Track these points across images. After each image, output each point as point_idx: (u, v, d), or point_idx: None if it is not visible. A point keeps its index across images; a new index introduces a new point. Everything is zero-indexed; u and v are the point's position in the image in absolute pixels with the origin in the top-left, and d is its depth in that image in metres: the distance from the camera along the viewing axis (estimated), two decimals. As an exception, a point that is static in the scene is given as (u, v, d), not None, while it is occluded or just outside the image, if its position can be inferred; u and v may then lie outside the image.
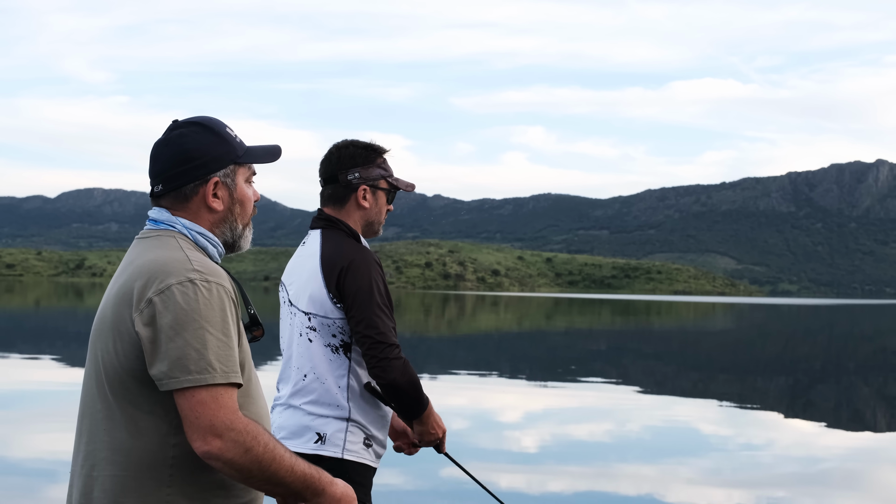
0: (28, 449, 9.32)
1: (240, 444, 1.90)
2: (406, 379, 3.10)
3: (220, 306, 1.96)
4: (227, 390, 1.92)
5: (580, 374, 19.31)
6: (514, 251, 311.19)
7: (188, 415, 1.91)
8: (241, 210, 2.17)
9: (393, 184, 3.37)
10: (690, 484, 8.48)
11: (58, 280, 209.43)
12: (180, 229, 2.10)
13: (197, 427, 1.90)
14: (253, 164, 2.20)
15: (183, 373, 1.90)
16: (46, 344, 23.81)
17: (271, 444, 1.95)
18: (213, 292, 1.96)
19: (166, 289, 1.93)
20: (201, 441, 1.90)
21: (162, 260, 1.99)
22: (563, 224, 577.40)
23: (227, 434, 1.90)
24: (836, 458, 10.27)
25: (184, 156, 2.10)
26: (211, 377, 1.90)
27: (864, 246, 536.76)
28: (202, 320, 1.92)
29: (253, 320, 2.15)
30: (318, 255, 3.23)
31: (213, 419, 1.89)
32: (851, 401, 16.89)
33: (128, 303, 1.97)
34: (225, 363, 1.93)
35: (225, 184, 2.13)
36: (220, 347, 1.93)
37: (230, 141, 2.14)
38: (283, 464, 1.97)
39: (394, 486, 7.80)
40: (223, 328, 1.95)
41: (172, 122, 2.17)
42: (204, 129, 2.13)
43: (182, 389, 1.90)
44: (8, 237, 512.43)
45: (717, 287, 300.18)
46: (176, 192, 2.11)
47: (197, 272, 1.97)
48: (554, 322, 48.56)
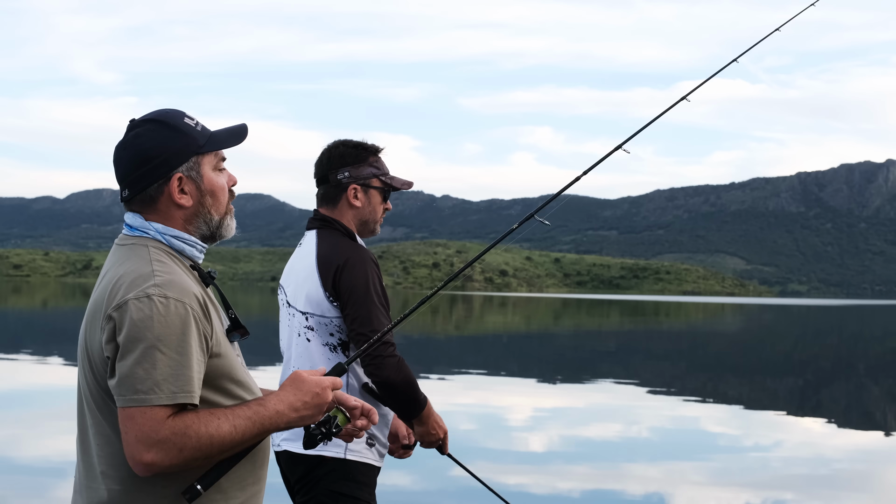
0: (35, 449, 9.34)
1: (171, 449, 1.87)
2: (401, 377, 3.08)
3: (175, 322, 1.90)
4: (160, 408, 1.86)
5: (588, 375, 19.27)
6: (522, 251, 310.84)
7: (122, 431, 1.89)
8: (213, 201, 2.10)
9: (387, 182, 3.35)
10: (699, 485, 8.45)
11: (65, 280, 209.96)
12: (154, 235, 2.06)
13: (127, 444, 1.88)
14: (221, 150, 2.12)
15: (129, 391, 1.87)
16: (53, 344, 23.86)
17: (203, 428, 1.89)
18: (171, 308, 1.90)
19: (123, 304, 1.90)
20: (132, 461, 1.88)
21: (127, 275, 1.96)
22: (572, 224, 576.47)
23: (155, 446, 1.86)
24: (845, 460, 10.22)
25: (142, 157, 2.04)
26: (156, 398, 1.86)
27: (875, 246, 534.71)
28: (154, 338, 1.87)
29: (234, 323, 2.10)
30: (314, 255, 3.24)
31: (139, 433, 1.86)
32: (861, 402, 16.82)
33: (95, 320, 1.97)
34: (173, 382, 1.88)
35: (190, 177, 2.06)
36: (171, 367, 1.88)
37: (189, 132, 2.07)
38: (224, 434, 1.91)
39: (399, 486, 7.79)
40: (178, 346, 1.89)
41: (129, 122, 2.10)
42: (159, 125, 2.06)
43: (122, 407, 1.88)
44: (17, 238, 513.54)
45: (727, 287, 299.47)
46: (142, 195, 2.06)
47: (156, 287, 1.91)
48: (562, 322, 48.50)
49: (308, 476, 3.17)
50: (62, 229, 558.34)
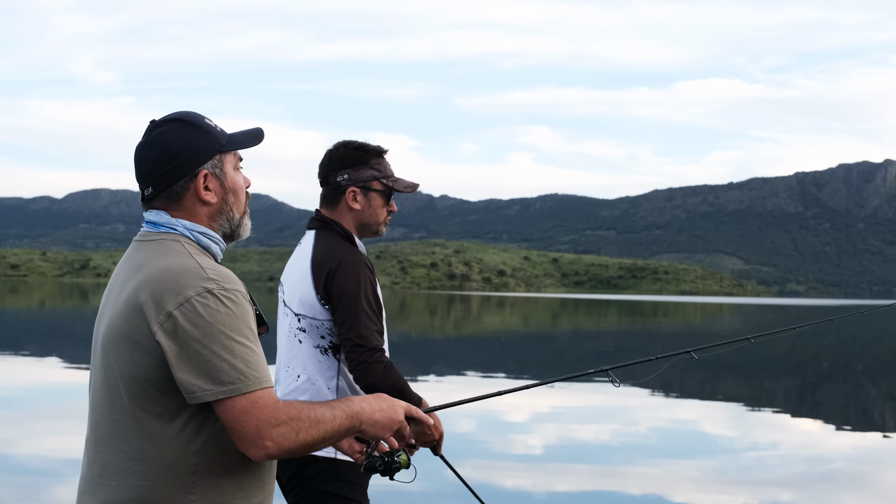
0: (35, 449, 9.32)
1: (289, 434, 1.94)
2: (387, 383, 3.08)
3: (240, 312, 1.96)
4: (263, 392, 1.93)
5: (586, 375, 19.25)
6: (519, 251, 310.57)
7: (233, 426, 1.92)
8: (234, 199, 2.16)
9: (388, 185, 3.33)
10: (696, 485, 8.44)
11: (62, 280, 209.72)
12: (182, 231, 2.08)
13: (244, 436, 1.91)
14: (238, 150, 2.19)
15: (217, 384, 1.90)
16: (50, 344, 23.84)
17: (312, 413, 1.99)
18: (233, 299, 1.96)
19: (185, 301, 1.92)
20: (254, 448, 1.92)
21: (174, 269, 1.97)
22: (570, 224, 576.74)
23: (275, 431, 1.92)
24: (843, 459, 10.23)
25: (169, 154, 2.07)
26: (245, 385, 1.91)
27: (873, 246, 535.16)
28: (227, 329, 1.92)
29: (258, 319, 2.14)
30: (310, 257, 3.24)
31: (258, 423, 1.91)
32: (859, 401, 16.83)
33: (141, 314, 1.95)
34: (255, 368, 1.93)
35: (214, 174, 2.11)
36: (248, 354, 1.93)
37: (211, 131, 2.12)
38: (328, 420, 2.01)
39: (394, 486, 7.77)
40: (247, 334, 1.96)
41: (150, 122, 2.14)
42: (183, 123, 2.11)
43: (220, 401, 1.91)
44: (15, 238, 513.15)
45: (725, 287, 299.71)
46: (167, 192, 2.09)
47: (213, 281, 1.96)
48: (560, 322, 48.50)
49: (299, 475, 3.18)
50: (60, 229, 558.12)
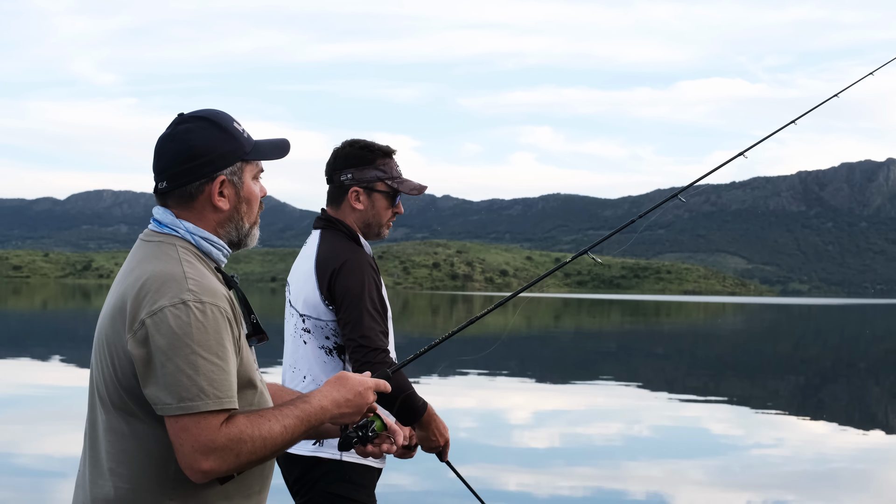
0: (36, 449, 9.33)
1: (228, 458, 1.87)
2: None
3: (213, 328, 1.90)
4: (214, 415, 1.86)
5: (589, 375, 19.25)
6: (522, 251, 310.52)
7: (174, 441, 1.87)
8: (247, 209, 2.10)
9: (393, 186, 3.29)
10: (700, 484, 8.44)
11: (65, 282, 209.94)
12: (183, 234, 2.04)
13: (181, 456, 1.87)
14: (261, 161, 2.13)
15: (175, 399, 1.85)
16: (52, 345, 23.85)
17: (257, 431, 1.90)
18: (207, 314, 1.90)
19: (159, 311, 1.88)
20: (189, 470, 1.87)
21: (158, 275, 1.93)
22: (573, 224, 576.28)
23: (210, 456, 1.86)
24: (846, 459, 10.22)
25: (190, 152, 2.02)
26: (203, 404, 1.85)
27: (876, 245, 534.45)
28: (194, 344, 1.86)
29: (255, 328, 2.10)
30: (314, 257, 3.21)
31: (193, 445, 1.85)
32: (862, 401, 16.82)
33: (122, 318, 1.93)
34: (218, 388, 1.87)
35: (232, 182, 2.06)
36: (213, 372, 1.87)
37: (238, 137, 2.07)
38: (276, 434, 1.93)
39: (399, 486, 7.77)
40: (217, 351, 1.89)
41: (178, 115, 2.09)
42: (211, 124, 2.05)
43: (172, 416, 1.86)
44: (18, 239, 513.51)
45: (728, 287, 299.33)
46: (180, 191, 2.04)
47: (191, 292, 1.90)
48: (563, 322, 48.48)
49: (305, 477, 3.15)
50: (62, 230, 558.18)
